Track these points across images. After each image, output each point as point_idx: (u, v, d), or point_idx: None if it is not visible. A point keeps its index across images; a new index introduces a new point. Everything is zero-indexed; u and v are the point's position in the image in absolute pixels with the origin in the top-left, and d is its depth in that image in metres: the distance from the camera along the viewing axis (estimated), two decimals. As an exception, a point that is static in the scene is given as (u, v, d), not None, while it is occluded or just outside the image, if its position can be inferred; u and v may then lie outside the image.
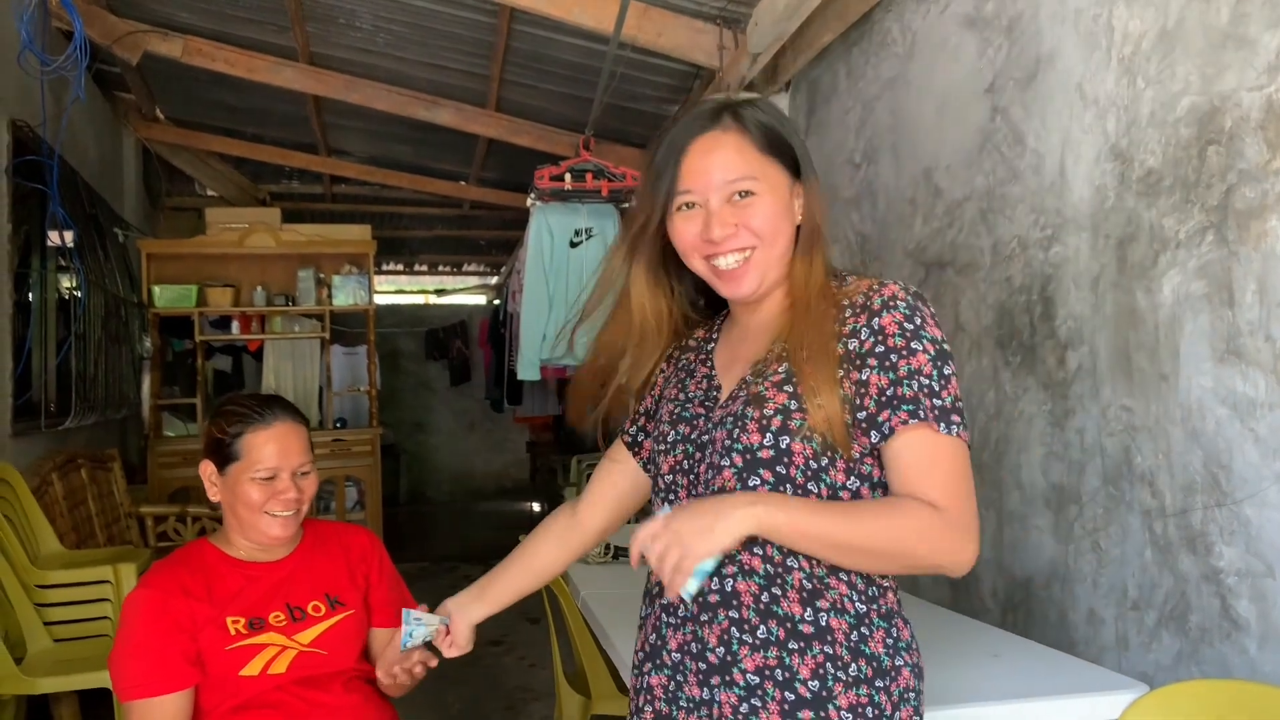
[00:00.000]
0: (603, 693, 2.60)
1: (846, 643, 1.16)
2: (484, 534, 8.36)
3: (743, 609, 1.18)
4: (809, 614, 1.17)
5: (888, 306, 1.18)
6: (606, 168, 4.61)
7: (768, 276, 1.25)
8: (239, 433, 1.73)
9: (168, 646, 1.65)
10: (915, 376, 1.15)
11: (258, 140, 7.05)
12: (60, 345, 4.46)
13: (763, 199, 1.23)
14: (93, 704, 3.63)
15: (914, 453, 1.15)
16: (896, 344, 1.16)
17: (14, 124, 3.89)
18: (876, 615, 1.19)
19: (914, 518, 1.13)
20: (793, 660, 1.16)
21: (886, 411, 1.15)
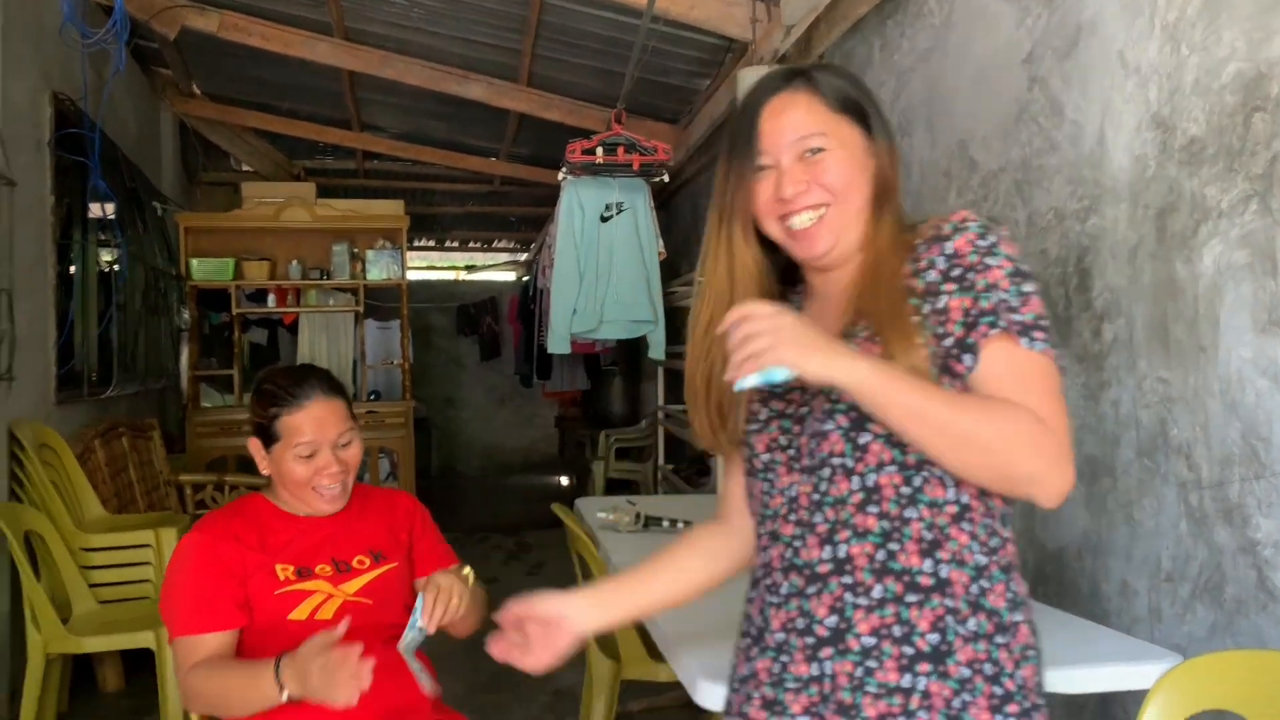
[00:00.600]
0: (633, 657, 2.63)
1: (966, 596, 1.12)
2: (513, 507, 8.44)
3: (856, 572, 1.14)
4: (928, 565, 1.12)
5: (959, 230, 1.15)
6: (638, 141, 4.60)
7: (843, 236, 1.21)
8: (275, 415, 1.78)
9: (217, 588, 1.70)
10: (993, 290, 1.11)
11: (292, 116, 7.10)
12: (101, 316, 4.54)
13: (834, 154, 1.20)
14: (135, 663, 3.72)
15: (1002, 365, 1.09)
16: (971, 261, 1.13)
17: (56, 96, 3.95)
18: (997, 568, 1.14)
19: (1019, 418, 1.06)
20: (910, 614, 1.11)
21: (974, 331, 1.11)
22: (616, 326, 4.83)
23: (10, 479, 3.33)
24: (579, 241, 4.74)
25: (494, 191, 9.13)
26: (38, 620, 3.04)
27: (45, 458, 3.51)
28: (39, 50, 3.81)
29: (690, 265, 6.11)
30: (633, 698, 3.50)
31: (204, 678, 1.65)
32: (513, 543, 6.72)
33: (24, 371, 3.33)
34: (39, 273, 3.80)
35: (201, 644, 1.67)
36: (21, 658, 3.10)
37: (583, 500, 3.12)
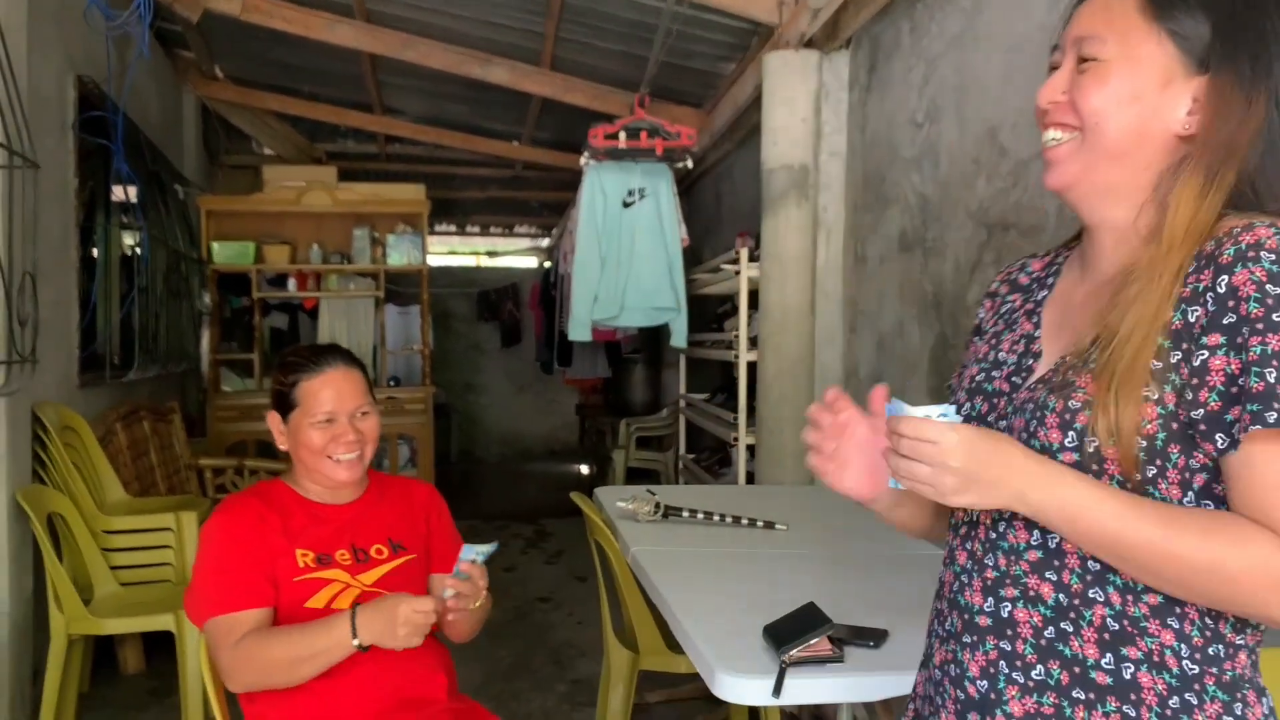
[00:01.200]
0: (650, 648, 2.62)
1: (1160, 708, 0.90)
2: (532, 494, 8.45)
3: (1018, 641, 0.96)
4: (1108, 661, 0.92)
5: (1244, 258, 0.85)
6: (662, 126, 4.56)
7: (1089, 178, 0.97)
8: (295, 381, 1.80)
9: (248, 566, 1.71)
10: (1274, 363, 0.82)
11: (314, 99, 7.10)
12: (124, 299, 4.56)
13: (1104, 70, 0.94)
14: (155, 646, 3.75)
15: (1260, 471, 0.84)
16: (1251, 312, 0.84)
17: (80, 80, 3.95)
18: (1214, 681, 0.90)
19: (1251, 543, 0.83)
20: (1075, 712, 0.92)
21: (1237, 409, 0.84)
22: (638, 314, 4.80)
23: (34, 460, 3.34)
24: (601, 227, 4.72)
25: (516, 176, 9.11)
26: (60, 601, 3.06)
27: (68, 440, 3.53)
28: (63, 33, 3.81)
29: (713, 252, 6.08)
30: (651, 689, 3.50)
31: (258, 643, 1.64)
32: (531, 530, 6.73)
33: (47, 354, 3.35)
34: (62, 256, 3.81)
35: (240, 621, 1.67)
36: (44, 638, 3.13)
37: (602, 489, 3.11)
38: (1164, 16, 0.93)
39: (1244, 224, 0.88)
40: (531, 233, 11.11)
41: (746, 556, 2.37)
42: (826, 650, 1.56)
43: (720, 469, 5.37)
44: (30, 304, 3.04)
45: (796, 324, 3.96)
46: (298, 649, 1.63)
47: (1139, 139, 0.94)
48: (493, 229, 11.02)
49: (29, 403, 3.30)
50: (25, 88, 3.09)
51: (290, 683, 1.66)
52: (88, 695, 3.54)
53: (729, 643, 1.67)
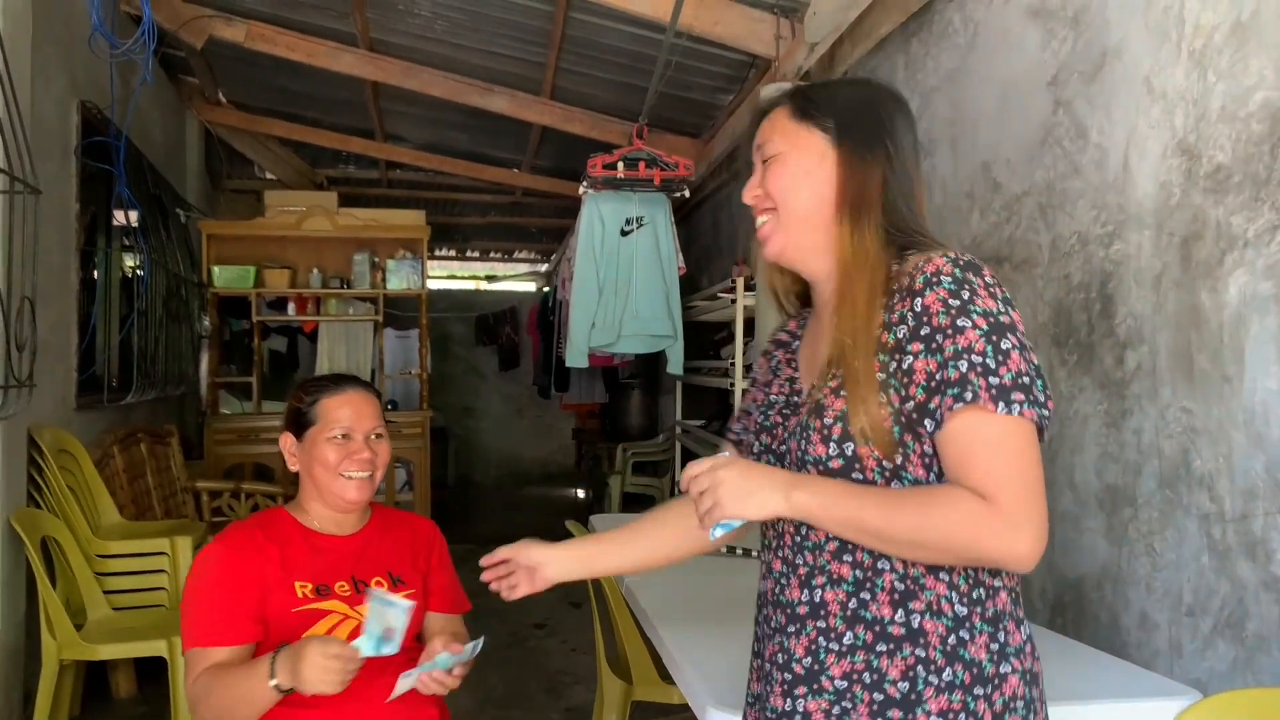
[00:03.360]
0: (644, 678, 2.61)
1: (942, 646, 1.11)
2: (529, 518, 8.43)
3: (830, 618, 1.16)
4: (899, 615, 1.12)
5: (930, 284, 1.10)
6: (659, 157, 4.60)
7: (791, 243, 1.23)
8: (315, 399, 1.84)
9: (236, 600, 1.71)
10: (963, 356, 1.07)
11: (316, 125, 7.16)
12: (123, 322, 4.58)
13: (782, 161, 1.22)
14: (148, 671, 3.73)
15: (961, 439, 1.07)
16: (940, 323, 1.08)
17: (83, 105, 3.99)
18: (979, 618, 1.13)
19: (953, 507, 1.06)
20: (880, 662, 1.12)
21: (937, 398, 1.08)
22: (635, 341, 4.82)
23: (29, 484, 3.35)
24: (599, 255, 4.75)
25: (515, 202, 9.16)
26: (52, 626, 3.05)
27: (64, 463, 3.54)
28: (68, 59, 3.85)
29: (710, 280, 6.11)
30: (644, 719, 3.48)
31: (208, 679, 1.65)
32: (527, 555, 6.69)
33: (45, 377, 3.36)
34: (63, 279, 3.83)
35: (210, 656, 1.68)
36: (36, 663, 3.12)
37: (597, 516, 3.11)
38: (812, 119, 1.22)
39: (926, 258, 1.13)
40: (531, 258, 11.15)
41: (740, 586, 2.37)
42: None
43: (716, 497, 5.36)
44: (29, 328, 3.05)
45: (793, 353, 3.98)
46: (231, 693, 1.63)
47: (817, 204, 1.21)
48: (492, 254, 11.06)
49: (25, 426, 3.31)
50: (28, 113, 3.12)
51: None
52: (78, 720, 3.52)
53: (722, 676, 1.67)
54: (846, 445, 1.13)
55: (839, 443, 1.13)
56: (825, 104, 1.23)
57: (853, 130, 1.21)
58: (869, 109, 1.23)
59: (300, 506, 1.88)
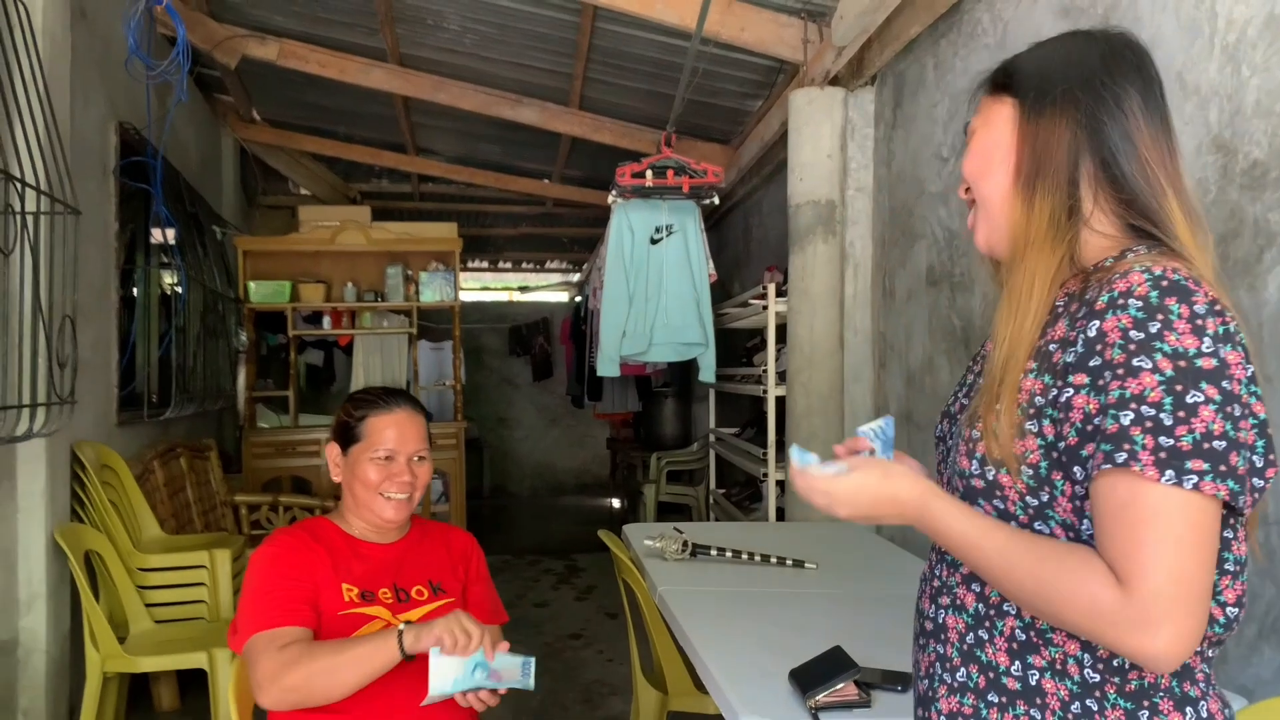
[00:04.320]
0: (680, 689, 2.60)
1: (1062, 712, 0.96)
2: (564, 528, 8.44)
3: (948, 645, 1.07)
4: (1016, 668, 1.00)
5: (1115, 305, 0.91)
6: (688, 164, 4.60)
7: (991, 228, 1.08)
8: (363, 416, 1.86)
9: (293, 590, 1.72)
10: (1130, 406, 0.87)
11: (349, 140, 7.24)
12: (162, 339, 4.65)
13: (972, 141, 1.10)
14: (189, 683, 3.78)
15: (1107, 504, 0.89)
16: (1114, 358, 0.89)
17: (121, 126, 4.06)
18: (1115, 690, 0.96)
19: (1080, 578, 0.89)
20: (990, 714, 1.01)
21: (1091, 445, 0.91)
22: (666, 349, 4.82)
23: (72, 499, 3.41)
24: (629, 264, 4.75)
25: (546, 213, 9.20)
26: (96, 639, 3.10)
27: (106, 478, 3.60)
28: (106, 81, 3.93)
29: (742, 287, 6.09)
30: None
31: (295, 653, 1.62)
32: (563, 566, 6.71)
33: (86, 394, 3.42)
34: (102, 297, 3.90)
35: (284, 633, 1.66)
36: (80, 676, 3.17)
37: (630, 527, 3.11)
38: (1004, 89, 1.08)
39: (1127, 267, 0.94)
40: (562, 268, 11.19)
41: (775, 596, 2.36)
42: (853, 695, 1.55)
43: (751, 504, 5.34)
44: (70, 346, 3.11)
45: (825, 359, 3.96)
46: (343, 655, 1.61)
47: (996, 179, 1.06)
48: (524, 264, 11.11)
49: (68, 442, 3.37)
50: (68, 135, 3.18)
51: (325, 695, 1.63)
52: (123, 732, 3.57)
53: (755, 686, 1.66)
54: (988, 469, 1.00)
55: (981, 462, 1.01)
56: (1019, 67, 1.08)
57: (1039, 87, 1.04)
58: (1067, 59, 1.05)
59: (342, 515, 1.92)
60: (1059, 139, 1.00)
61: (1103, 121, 1.00)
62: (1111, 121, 1.00)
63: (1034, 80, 1.04)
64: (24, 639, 3.10)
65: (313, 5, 5.00)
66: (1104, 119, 1.00)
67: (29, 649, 3.11)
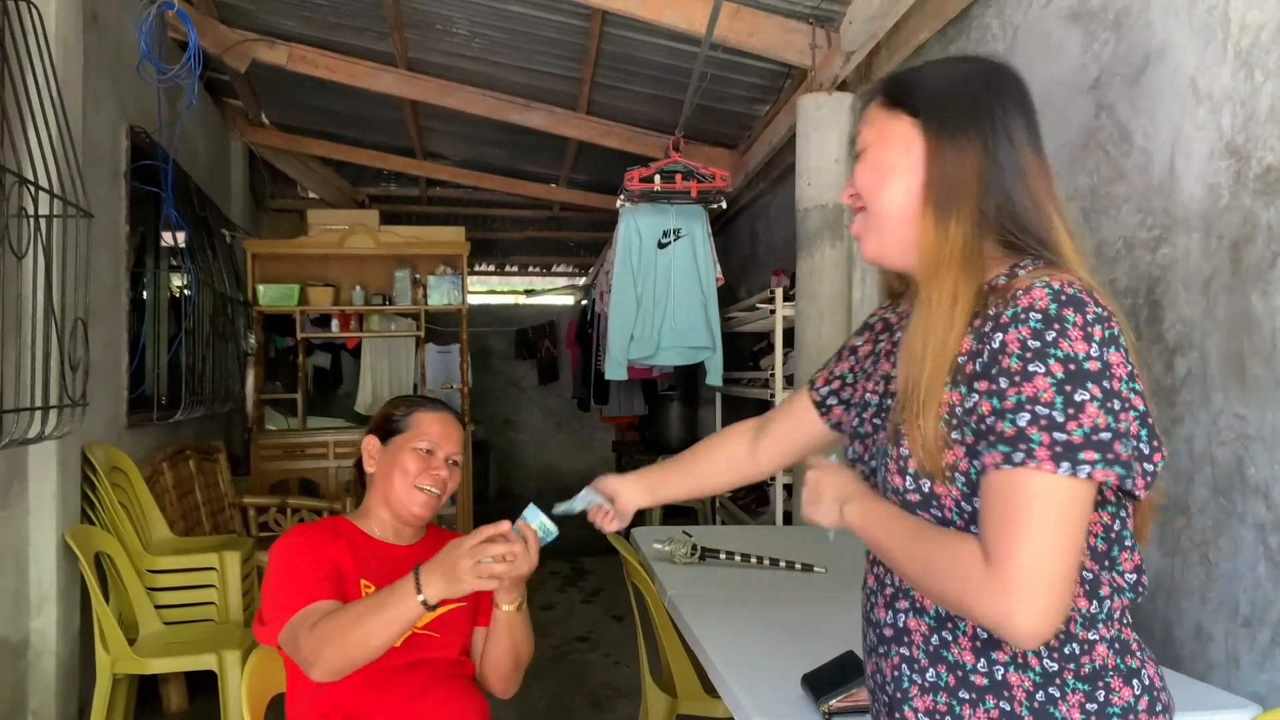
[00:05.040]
0: (688, 692, 2.60)
1: (1028, 702, 1.03)
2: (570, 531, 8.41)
3: (913, 647, 1.11)
4: (982, 665, 1.05)
5: (1017, 319, 0.98)
6: (696, 169, 4.60)
7: (885, 242, 1.14)
8: (411, 411, 1.93)
9: (318, 573, 1.73)
10: (1026, 408, 0.96)
11: (357, 144, 7.26)
12: (171, 341, 4.67)
13: (868, 155, 1.14)
14: (198, 685, 3.79)
15: (993, 498, 0.97)
16: (1012, 366, 0.97)
17: (132, 130, 4.08)
18: (1073, 675, 1.03)
19: (955, 558, 0.99)
20: (963, 710, 1.06)
21: (984, 445, 0.99)
22: (674, 353, 4.82)
23: (83, 500, 3.42)
24: (636, 268, 4.75)
25: (554, 217, 9.22)
26: (106, 641, 3.11)
27: (115, 480, 3.61)
28: (117, 85, 3.95)
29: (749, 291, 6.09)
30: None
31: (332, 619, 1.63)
32: (569, 568, 6.71)
33: (97, 396, 3.43)
34: (113, 300, 3.92)
35: (318, 607, 1.67)
36: (90, 677, 3.18)
37: (639, 530, 3.11)
38: (902, 106, 1.12)
39: (1029, 284, 1.00)
40: (569, 271, 11.21)
41: (785, 600, 2.36)
42: (865, 700, 1.55)
43: (758, 508, 5.34)
44: (81, 348, 3.12)
45: (833, 363, 3.95)
46: (368, 618, 1.61)
47: (907, 198, 1.10)
48: (531, 268, 11.13)
49: (79, 444, 3.38)
50: (80, 139, 3.20)
51: (369, 656, 1.63)
52: (132, 734, 3.58)
53: (767, 691, 1.66)
54: (923, 481, 1.06)
55: (915, 477, 1.06)
56: (915, 86, 1.12)
57: (941, 111, 1.09)
58: (964, 86, 1.11)
59: (363, 514, 1.93)
60: (970, 168, 1.06)
61: (1000, 152, 1.07)
62: (1006, 152, 1.07)
63: (936, 103, 1.09)
64: (34, 640, 3.11)
65: (322, 10, 5.02)
66: (1001, 150, 1.07)
67: (39, 650, 3.12)
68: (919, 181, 1.09)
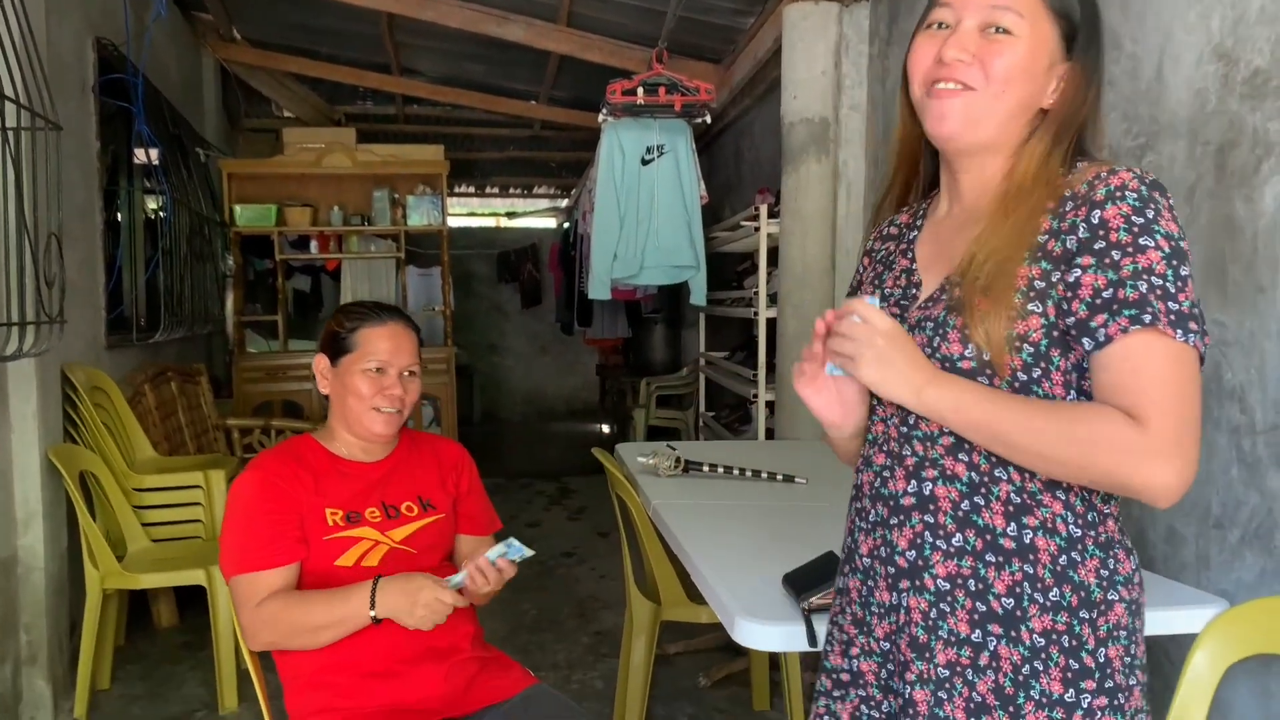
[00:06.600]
0: (672, 600, 2.65)
1: (1052, 565, 1.08)
2: (555, 453, 8.52)
3: (939, 514, 1.12)
4: (1012, 529, 1.09)
5: (1113, 197, 1.03)
6: (680, 82, 4.53)
7: (977, 128, 1.12)
8: (355, 327, 1.84)
9: (275, 523, 1.73)
10: (1144, 276, 1.00)
11: (332, 60, 7.08)
12: (148, 262, 4.60)
13: (1017, 44, 1.09)
14: (188, 601, 3.84)
15: (1130, 361, 1.01)
16: (1121, 239, 1.02)
17: (99, 42, 3.96)
18: (1092, 542, 1.09)
19: (1101, 425, 1.00)
20: (988, 573, 1.09)
21: (1103, 316, 1.02)
22: (658, 272, 4.80)
23: (65, 420, 3.41)
24: (619, 185, 4.70)
25: (534, 136, 9.07)
26: (94, 557, 3.13)
27: (97, 400, 3.59)
28: (81, -5, 3.82)
29: (732, 210, 6.05)
30: (673, 639, 3.55)
31: (281, 607, 1.67)
32: (554, 488, 6.79)
33: (74, 316, 3.39)
34: (86, 219, 3.85)
35: (262, 580, 1.70)
36: (80, 593, 3.20)
37: (623, 445, 3.13)
38: (1058, 12, 1.11)
39: (1108, 169, 1.06)
40: (550, 193, 11.09)
41: (766, 509, 2.39)
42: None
43: (740, 426, 5.39)
44: (56, 265, 3.07)
45: (817, 281, 3.95)
46: (317, 617, 1.66)
47: (1024, 108, 1.12)
48: (512, 190, 11.00)
49: (58, 363, 3.36)
50: (45, 50, 3.10)
51: (306, 648, 1.69)
52: (123, 649, 3.63)
53: (749, 592, 1.69)
54: (982, 351, 1.08)
55: (974, 345, 1.09)
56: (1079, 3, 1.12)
57: (1089, 44, 1.12)
58: (1098, 16, 1.14)
59: (328, 433, 1.89)
60: (1090, 103, 1.12)
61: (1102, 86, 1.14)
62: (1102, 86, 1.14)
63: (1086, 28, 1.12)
64: (23, 556, 3.13)
65: (292, -83, 4.85)
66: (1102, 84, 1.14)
67: (29, 566, 3.14)
68: (1040, 97, 1.12)
